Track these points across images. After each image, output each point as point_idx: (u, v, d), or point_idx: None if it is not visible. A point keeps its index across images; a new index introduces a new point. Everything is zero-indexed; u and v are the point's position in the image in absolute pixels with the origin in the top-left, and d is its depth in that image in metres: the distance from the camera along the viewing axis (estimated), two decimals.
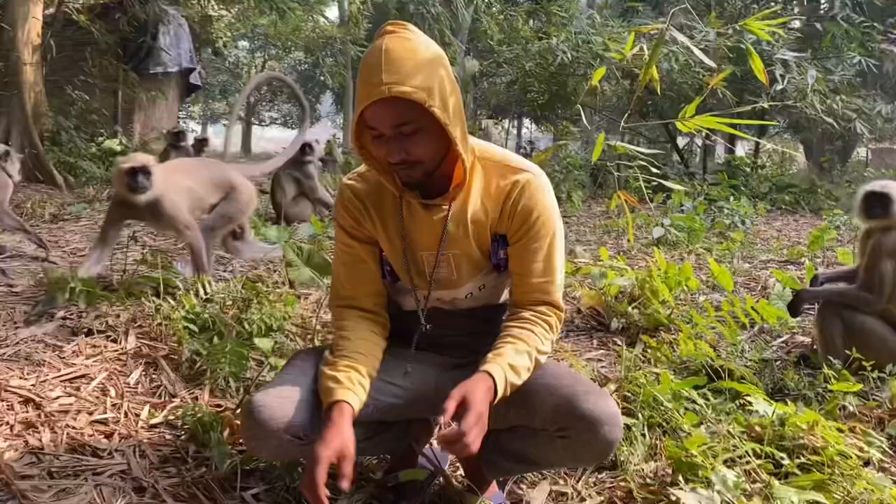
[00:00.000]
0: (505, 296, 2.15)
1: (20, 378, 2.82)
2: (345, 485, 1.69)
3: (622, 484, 2.32)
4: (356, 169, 2.05)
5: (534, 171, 1.94)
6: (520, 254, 1.94)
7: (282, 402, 1.82)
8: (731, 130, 2.47)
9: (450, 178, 1.88)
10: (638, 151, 2.68)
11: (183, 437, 2.46)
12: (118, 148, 11.66)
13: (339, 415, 1.78)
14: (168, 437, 2.49)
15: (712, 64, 2.70)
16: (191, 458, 2.33)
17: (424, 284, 2.00)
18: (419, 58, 1.70)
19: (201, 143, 10.37)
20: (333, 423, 1.76)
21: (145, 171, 3.86)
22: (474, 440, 1.65)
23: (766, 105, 7.67)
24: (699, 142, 18.31)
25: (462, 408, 1.68)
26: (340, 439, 1.73)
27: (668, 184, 3.00)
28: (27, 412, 2.55)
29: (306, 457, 1.80)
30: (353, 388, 1.83)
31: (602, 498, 2.25)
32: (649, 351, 3.29)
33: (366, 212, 1.98)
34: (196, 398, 2.78)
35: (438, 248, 1.93)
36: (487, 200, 1.92)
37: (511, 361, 1.82)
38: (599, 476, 2.40)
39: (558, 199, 2.07)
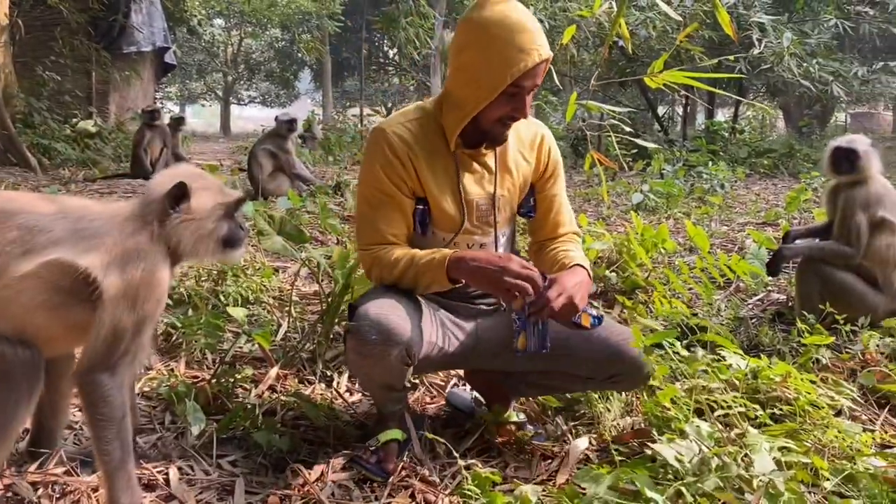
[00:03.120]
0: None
1: None
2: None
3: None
4: (391, 117, 2.15)
5: (539, 122, 2.30)
6: (550, 198, 2.26)
7: (400, 318, 1.93)
8: (700, 85, 2.47)
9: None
10: (610, 110, 2.67)
11: (158, 407, 2.46)
12: (93, 129, 11.51)
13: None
14: (143, 407, 2.48)
15: (678, 17, 2.69)
16: (166, 427, 2.33)
17: (478, 225, 2.15)
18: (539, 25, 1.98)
19: (178, 123, 10.23)
20: (482, 252, 2.04)
21: None
22: (556, 302, 1.90)
23: (730, 59, 7.60)
24: (679, 110, 18.33)
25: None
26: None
27: (641, 142, 3.00)
28: None
29: (396, 382, 2.03)
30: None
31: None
32: (625, 312, 3.30)
33: (414, 158, 2.06)
34: (172, 370, 2.77)
35: (495, 188, 2.14)
36: (523, 149, 2.20)
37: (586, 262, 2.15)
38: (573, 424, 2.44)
39: None
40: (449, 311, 2.20)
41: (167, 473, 2.04)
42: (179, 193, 1.81)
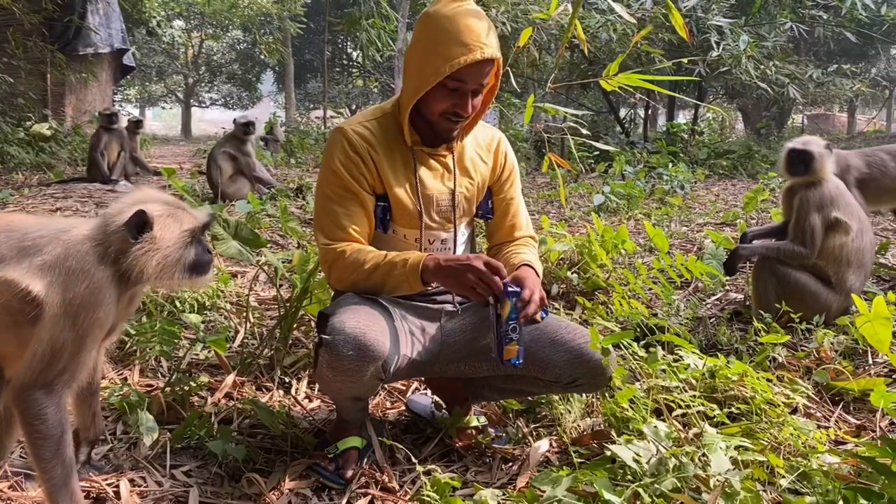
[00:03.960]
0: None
1: None
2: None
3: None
4: (352, 118, 2.19)
5: (494, 128, 2.38)
6: (507, 201, 2.31)
7: (378, 333, 1.90)
8: (655, 87, 2.48)
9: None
10: (566, 112, 2.67)
11: (110, 417, 2.40)
12: (48, 132, 11.25)
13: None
14: None
15: (631, 19, 2.71)
16: (117, 438, 2.27)
17: (439, 221, 2.18)
18: (492, 29, 2.01)
19: (136, 125, 10.04)
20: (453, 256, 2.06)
21: None
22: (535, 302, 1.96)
23: (684, 61, 7.73)
24: (641, 112, 18.53)
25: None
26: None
27: (600, 145, 3.01)
28: None
29: (365, 394, 2.08)
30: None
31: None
32: (586, 312, 3.31)
33: (375, 154, 2.08)
34: (125, 379, 2.71)
35: (455, 184, 2.18)
36: (480, 151, 2.26)
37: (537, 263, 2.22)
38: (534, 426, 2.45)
39: None
40: (413, 312, 2.17)
41: (118, 486, 1.99)
42: (140, 223, 1.73)
